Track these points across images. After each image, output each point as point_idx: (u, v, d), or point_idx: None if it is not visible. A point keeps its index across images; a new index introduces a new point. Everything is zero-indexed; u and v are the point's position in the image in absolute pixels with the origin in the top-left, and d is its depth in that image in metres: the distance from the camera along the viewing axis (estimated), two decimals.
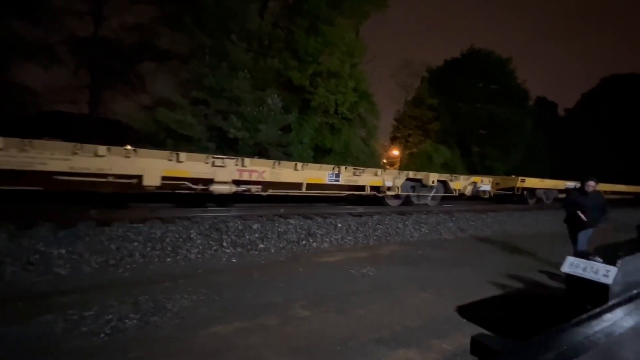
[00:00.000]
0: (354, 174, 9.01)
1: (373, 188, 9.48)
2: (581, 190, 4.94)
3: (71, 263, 4.01)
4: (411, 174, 10.32)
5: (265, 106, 12.47)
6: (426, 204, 10.80)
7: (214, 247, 5.09)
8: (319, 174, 8.45)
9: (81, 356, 2.36)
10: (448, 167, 20.87)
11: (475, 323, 3.17)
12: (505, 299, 3.89)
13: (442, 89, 24.39)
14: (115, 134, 12.02)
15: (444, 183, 11.05)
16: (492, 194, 12.85)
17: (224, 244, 5.24)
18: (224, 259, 4.85)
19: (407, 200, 10.54)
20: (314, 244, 5.97)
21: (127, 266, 4.22)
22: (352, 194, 9.72)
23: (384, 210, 9.19)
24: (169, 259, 4.57)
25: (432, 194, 10.75)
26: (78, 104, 14.32)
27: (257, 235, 5.71)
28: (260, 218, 6.56)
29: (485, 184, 12.24)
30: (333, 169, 8.70)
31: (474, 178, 12.07)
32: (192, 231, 5.36)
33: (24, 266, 3.81)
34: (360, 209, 8.83)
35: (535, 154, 27.82)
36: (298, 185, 8.11)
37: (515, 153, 25.43)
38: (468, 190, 11.64)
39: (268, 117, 12.64)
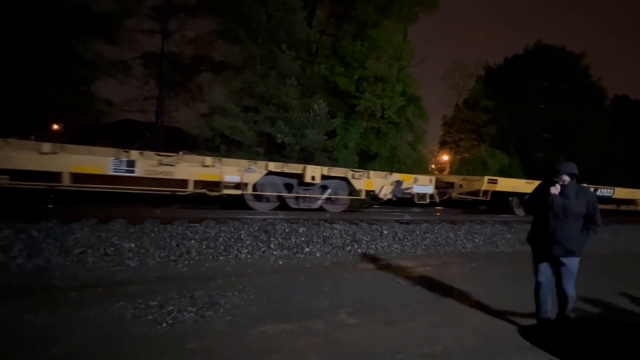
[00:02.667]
0: (161, 163, 6.57)
1: (205, 184, 7.07)
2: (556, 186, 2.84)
3: (139, 256, 4.45)
4: (272, 166, 7.48)
5: (311, 112, 12.72)
6: (325, 211, 7.99)
7: (262, 249, 5.28)
8: (94, 161, 6.13)
9: (148, 341, 2.59)
10: (505, 174, 19.28)
11: (540, 348, 2.85)
12: (576, 324, 3.45)
13: (499, 89, 22.71)
14: (177, 140, 13.21)
15: (344, 181, 8.39)
16: (436, 199, 9.78)
17: (272, 245, 5.41)
18: (271, 261, 5.01)
19: (284, 204, 7.96)
20: (359, 250, 5.90)
21: (185, 262, 4.56)
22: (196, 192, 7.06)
23: (432, 218, 8.76)
24: (221, 258, 4.85)
25: (324, 196, 8.12)
26: (146, 113, 15.96)
27: (303, 238, 5.80)
28: (306, 222, 6.66)
29: (422, 185, 9.17)
30: (118, 153, 6.32)
31: (399, 176, 9.02)
32: (242, 232, 5.62)
33: (102, 257, 4.32)
34: (407, 216, 8.52)
35: (612, 160, 24.48)
36: (55, 177, 5.94)
37: (587, 159, 22.66)
38: (386, 192, 8.73)
39: (314, 123, 12.87)
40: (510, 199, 10.92)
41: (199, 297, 3.40)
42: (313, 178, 7.68)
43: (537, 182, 11.99)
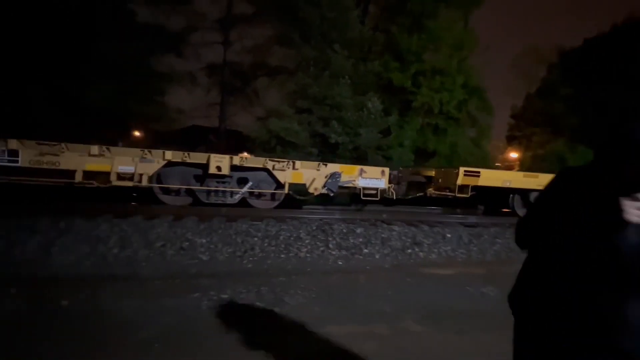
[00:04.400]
0: (43, 153, 5.89)
1: (95, 175, 6.31)
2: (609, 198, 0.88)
3: (210, 251, 4.79)
4: (170, 155, 6.54)
5: (365, 110, 12.54)
6: (253, 207, 7.11)
7: (321, 248, 5.31)
8: None
9: (222, 332, 2.75)
10: None
11: None
12: None
13: (579, 75, 19.85)
14: (238, 143, 14.09)
15: (267, 172, 7.18)
16: (392, 195, 8.13)
17: (330, 245, 5.42)
18: (330, 261, 5.01)
19: (196, 199, 7.14)
20: (421, 253, 5.61)
21: (250, 258, 4.79)
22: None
23: (503, 221, 7.98)
24: (282, 256, 4.99)
25: (243, 190, 7.13)
26: (210, 119, 17.33)
27: (361, 239, 5.70)
28: (363, 222, 6.55)
29: (370, 178, 7.55)
30: None
31: (337, 167, 7.47)
32: (301, 231, 5.73)
33: (179, 250, 4.74)
34: (472, 219, 7.88)
35: None
36: None
37: None
38: (317, 186, 7.31)
39: (368, 121, 12.67)
40: (511, 196, 8.90)
41: (264, 293, 3.52)
42: (219, 169, 6.70)
43: (543, 176, 8.52)
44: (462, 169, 8.13)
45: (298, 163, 7.25)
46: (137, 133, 17.90)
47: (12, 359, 2.26)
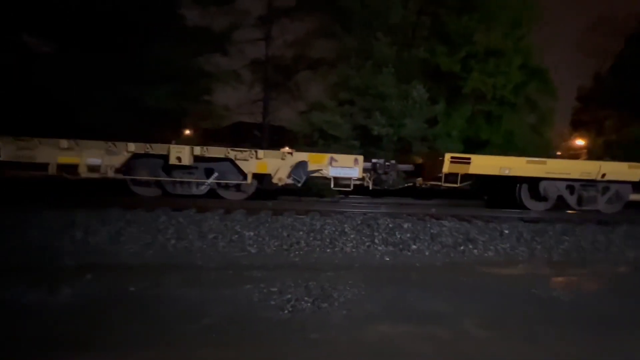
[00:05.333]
0: (19, 148, 6.08)
1: (67, 167, 6.38)
2: None
3: (258, 244, 4.92)
4: (133, 147, 6.52)
5: (410, 99, 11.96)
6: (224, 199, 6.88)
7: (367, 243, 5.18)
8: None
9: (273, 325, 2.79)
10: None
11: None
12: None
13: None
14: (281, 138, 14.35)
15: (231, 162, 6.91)
16: (369, 185, 7.52)
17: (376, 240, 5.26)
18: (377, 256, 4.87)
19: (165, 191, 7.00)
20: (475, 251, 5.22)
21: (296, 252, 4.83)
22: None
23: (569, 216, 7.14)
24: (328, 250, 4.96)
25: (209, 181, 6.92)
26: (254, 115, 17.83)
27: (408, 235, 5.46)
28: (410, 217, 6.27)
29: (342, 167, 7.10)
30: None
31: (305, 156, 7.08)
32: (345, 225, 5.63)
33: (229, 242, 4.93)
34: (533, 213, 7.16)
35: None
36: None
37: None
38: (281, 176, 6.93)
39: (413, 111, 12.07)
40: (517, 186, 7.81)
41: (312, 288, 3.51)
42: (179, 159, 6.60)
43: (553, 162, 7.37)
44: (447, 155, 7.17)
45: (261, 152, 6.98)
46: (188, 131, 19.11)
47: (89, 337, 2.50)
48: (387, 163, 7.65)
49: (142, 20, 12.47)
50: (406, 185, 8.30)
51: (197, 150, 6.72)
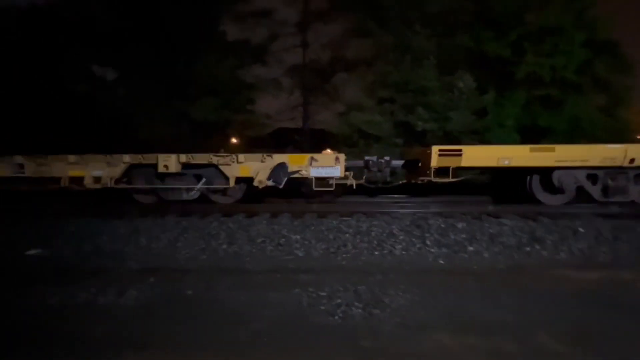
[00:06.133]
0: (39, 164, 6.71)
1: (76, 179, 6.87)
2: None
3: (304, 247, 4.92)
4: (128, 158, 6.76)
5: (455, 91, 11.26)
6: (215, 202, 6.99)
7: (417, 245, 4.90)
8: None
9: (325, 332, 2.71)
10: None
11: None
12: None
13: None
14: (321, 140, 14.44)
15: (216, 168, 6.95)
16: (352, 183, 7.01)
17: (427, 242, 4.96)
18: (430, 259, 4.58)
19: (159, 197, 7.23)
20: (543, 252, 4.66)
21: (343, 255, 4.72)
22: None
23: None
24: (376, 252, 4.78)
25: (198, 186, 7.03)
26: (295, 120, 18.19)
27: (463, 235, 5.06)
28: (464, 216, 5.83)
29: (323, 167, 6.78)
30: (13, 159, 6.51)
31: (285, 157, 6.85)
32: (393, 227, 5.40)
33: (277, 246, 5.00)
34: (615, 208, 6.24)
35: None
36: None
37: None
38: (262, 179, 6.76)
39: (459, 103, 11.35)
40: (528, 177, 6.98)
41: (362, 293, 3.38)
42: (166, 167, 6.81)
43: (563, 149, 6.38)
44: (435, 148, 6.60)
45: (242, 156, 7.01)
46: (234, 140, 20.08)
47: (151, 337, 2.65)
48: (381, 160, 7.42)
49: (187, 41, 13.44)
50: (401, 182, 7.90)
51: (183, 157, 6.97)
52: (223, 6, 14.98)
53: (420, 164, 7.30)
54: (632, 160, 6.26)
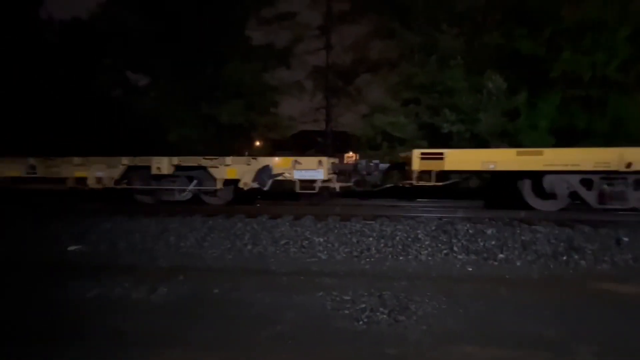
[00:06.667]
0: (48, 166, 7.33)
1: (81, 180, 7.35)
2: None
3: (327, 250, 4.90)
4: (126, 160, 7.21)
5: (484, 91, 10.86)
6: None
7: (444, 251, 4.75)
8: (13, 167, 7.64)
9: (349, 337, 2.68)
10: None
11: None
12: None
13: None
14: (344, 143, 14.40)
15: (205, 170, 7.18)
16: (335, 187, 7.17)
17: (455, 248, 4.79)
18: (457, 265, 4.42)
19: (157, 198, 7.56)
20: (583, 262, 4.37)
21: (367, 259, 4.66)
22: None
23: None
24: (401, 257, 4.68)
25: (189, 187, 7.32)
26: (318, 122, 18.27)
27: (493, 242, 4.85)
28: (493, 222, 5.59)
29: (306, 169, 6.86)
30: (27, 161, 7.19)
31: (269, 160, 7.07)
32: (418, 231, 5.27)
33: (300, 248, 5.02)
34: None
35: None
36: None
37: None
38: (247, 181, 6.96)
39: (488, 104, 10.93)
40: (519, 182, 6.81)
41: (387, 298, 3.31)
42: (159, 169, 7.11)
43: (551, 152, 6.13)
44: (416, 152, 6.60)
45: (229, 159, 7.17)
46: (258, 142, 20.47)
47: (178, 334, 2.73)
48: (370, 163, 7.38)
49: (214, 45, 13.89)
50: (388, 185, 7.80)
51: (175, 160, 7.25)
52: (249, 10, 15.35)
53: (406, 168, 7.19)
54: (629, 165, 5.85)
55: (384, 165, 7.72)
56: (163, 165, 7.17)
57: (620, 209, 6.16)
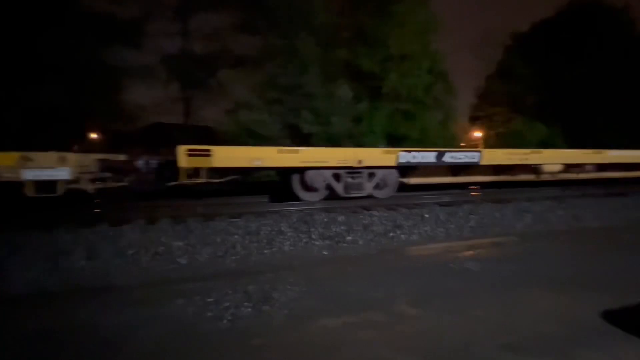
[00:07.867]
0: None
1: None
2: None
3: (188, 254, 4.54)
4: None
5: (335, 98, 12.47)
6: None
7: (304, 240, 5.23)
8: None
9: (214, 338, 2.60)
10: (546, 146, 17.98)
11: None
12: None
13: (532, 57, 20.97)
14: (206, 139, 13.45)
15: None
16: (86, 188, 6.38)
17: (313, 236, 5.35)
18: (315, 251, 4.94)
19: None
20: (402, 236, 5.70)
21: (232, 257, 4.59)
22: None
23: (473, 198, 8.34)
24: (266, 251, 4.84)
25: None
26: (175, 115, 16.39)
27: (343, 227, 5.69)
28: (343, 210, 6.55)
29: (42, 169, 5.84)
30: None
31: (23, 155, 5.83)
32: (282, 224, 5.60)
33: (154, 256, 4.44)
34: (446, 198, 8.17)
35: None
36: None
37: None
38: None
39: (339, 109, 12.62)
40: (291, 176, 7.52)
41: (252, 292, 3.39)
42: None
43: (305, 152, 7.03)
44: (182, 148, 6.33)
45: None
46: (95, 134, 16.61)
47: None
48: (150, 161, 6.86)
49: (30, 5, 10.35)
50: (172, 184, 6.81)
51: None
52: None
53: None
54: (360, 161, 7.40)
55: (153, 162, 7.07)
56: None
57: (360, 196, 7.61)
